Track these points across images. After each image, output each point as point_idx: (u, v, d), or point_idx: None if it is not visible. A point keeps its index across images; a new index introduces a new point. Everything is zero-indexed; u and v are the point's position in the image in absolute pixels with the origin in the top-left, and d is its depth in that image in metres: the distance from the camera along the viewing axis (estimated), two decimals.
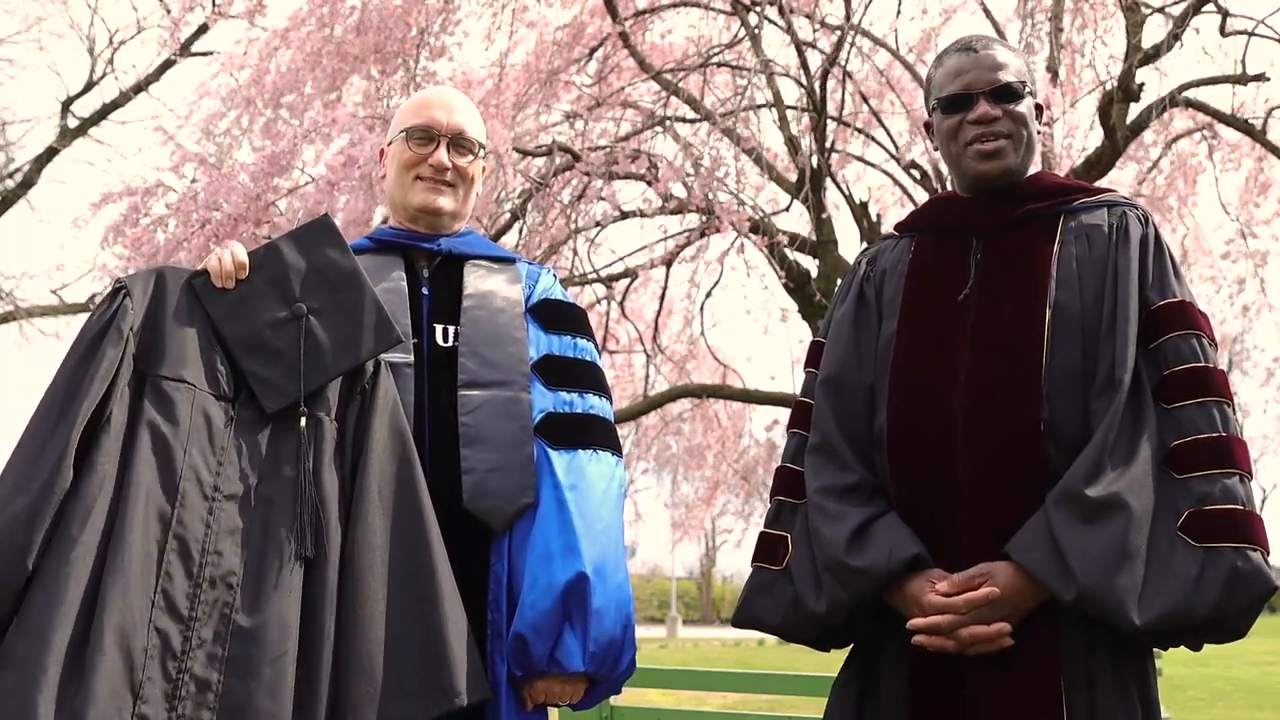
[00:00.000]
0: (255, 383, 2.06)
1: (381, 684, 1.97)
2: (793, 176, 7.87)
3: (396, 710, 1.98)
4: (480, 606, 2.15)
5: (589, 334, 2.42)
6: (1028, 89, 2.19)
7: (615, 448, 2.32)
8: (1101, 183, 6.41)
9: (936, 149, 2.32)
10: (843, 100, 7.62)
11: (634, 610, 2.26)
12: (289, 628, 1.94)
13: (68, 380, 1.97)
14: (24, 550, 1.85)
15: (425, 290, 2.32)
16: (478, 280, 2.34)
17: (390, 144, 2.42)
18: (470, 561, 2.15)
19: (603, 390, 2.36)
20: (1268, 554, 1.93)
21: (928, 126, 2.30)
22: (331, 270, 2.14)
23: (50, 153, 15.54)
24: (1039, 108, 2.24)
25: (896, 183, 8.59)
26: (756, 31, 7.32)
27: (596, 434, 2.29)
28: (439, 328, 2.29)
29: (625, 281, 9.18)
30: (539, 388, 2.28)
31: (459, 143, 2.36)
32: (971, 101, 2.17)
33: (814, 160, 7.37)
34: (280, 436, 2.05)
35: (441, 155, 2.33)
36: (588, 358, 2.37)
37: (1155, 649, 2.12)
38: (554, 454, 2.22)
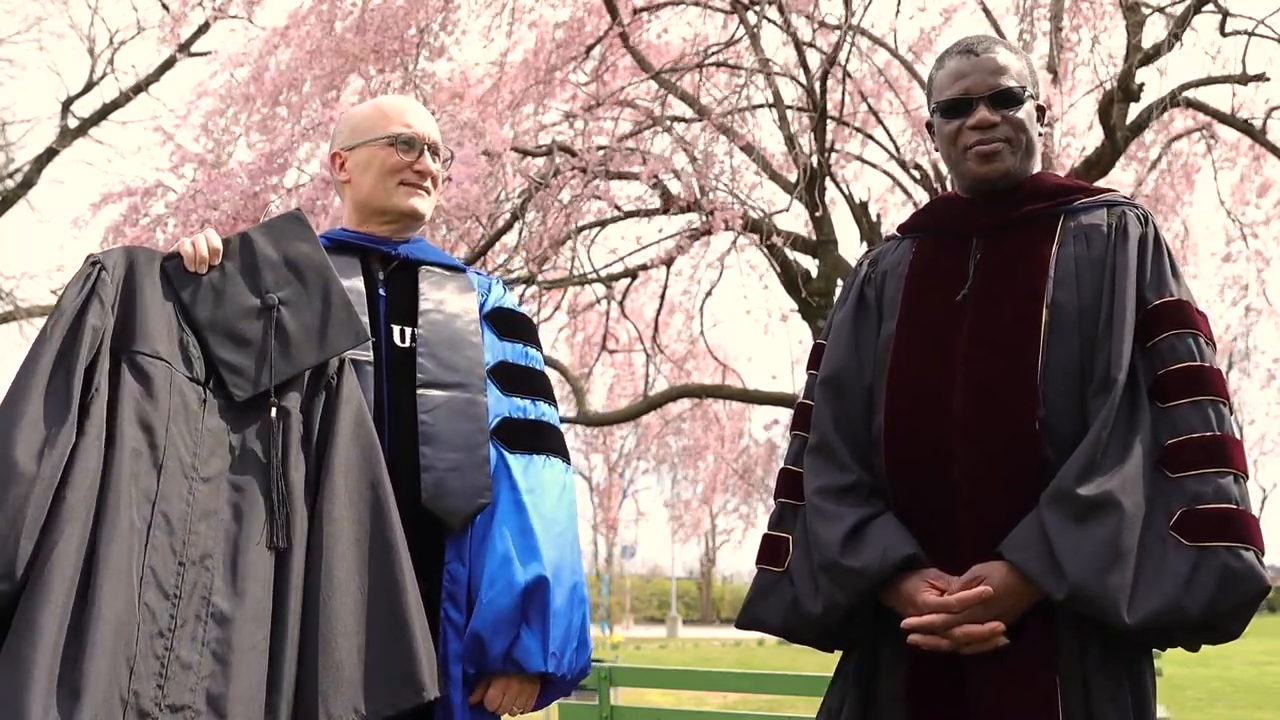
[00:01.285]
0: (225, 370, 2.05)
1: (350, 676, 1.97)
2: (792, 176, 7.87)
3: (365, 702, 1.97)
4: (434, 604, 2.16)
5: (538, 344, 2.48)
6: (1028, 93, 2.18)
7: (565, 455, 2.37)
8: (1101, 182, 6.41)
9: (937, 149, 2.32)
10: (842, 99, 7.61)
11: (589, 612, 2.31)
12: (263, 617, 1.94)
13: (56, 349, 1.95)
14: (35, 524, 1.81)
15: (382, 291, 2.35)
16: (432, 286, 2.38)
17: (352, 149, 2.40)
18: (427, 559, 2.17)
19: (552, 399, 2.43)
20: (1261, 554, 1.92)
21: (929, 127, 2.30)
22: (303, 264, 2.15)
23: (50, 153, 15.53)
24: (1041, 109, 2.23)
25: (896, 182, 8.59)
26: (755, 31, 7.32)
27: (548, 440, 2.34)
28: (396, 329, 2.32)
29: (625, 281, 9.18)
30: (495, 392, 2.32)
31: (434, 150, 2.41)
32: (971, 106, 2.16)
33: (813, 160, 7.37)
34: (249, 424, 2.05)
35: (428, 161, 2.38)
36: (537, 366, 2.44)
37: (1153, 649, 2.11)
38: (511, 457, 2.26)
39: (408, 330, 2.31)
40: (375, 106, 2.47)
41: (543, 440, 2.32)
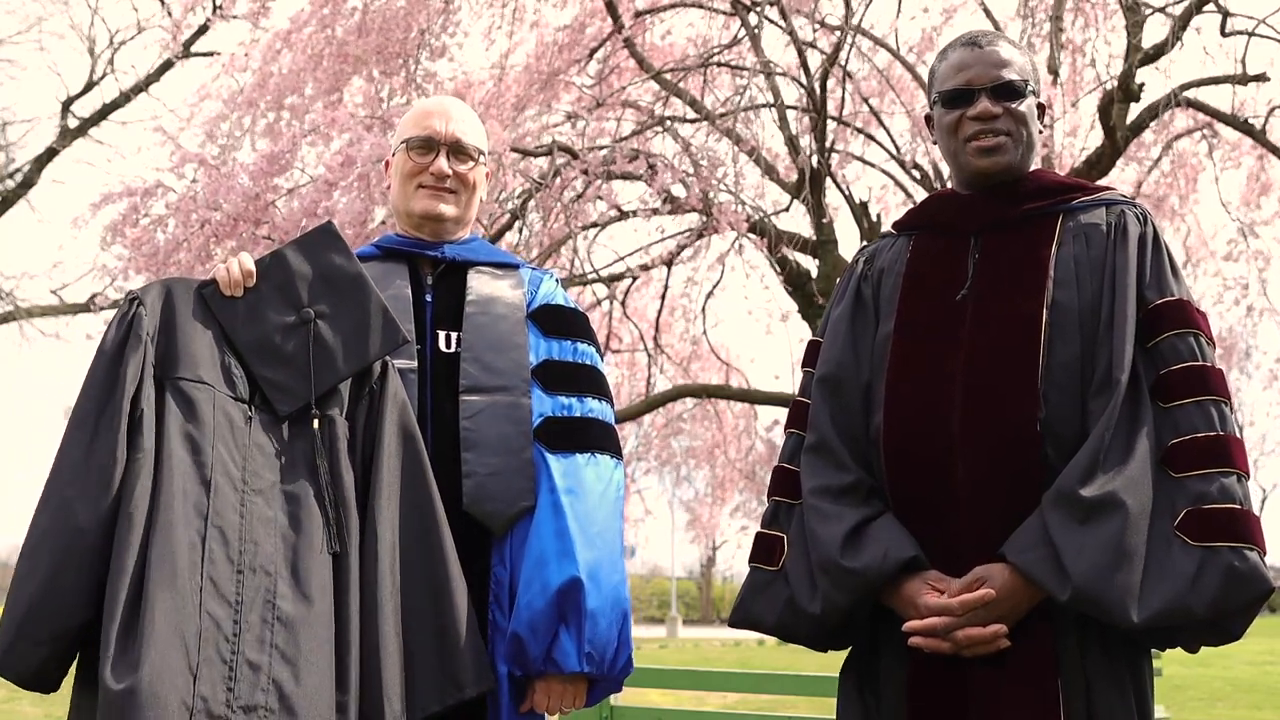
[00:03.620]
0: (267, 387, 2.11)
1: (404, 673, 2.04)
2: (793, 177, 7.87)
3: (415, 698, 2.04)
4: (481, 606, 2.19)
5: (590, 338, 2.44)
6: (1030, 88, 2.18)
7: (615, 451, 2.34)
8: (1101, 182, 6.40)
9: (935, 142, 2.31)
10: (843, 100, 7.62)
11: (630, 610, 2.28)
12: (327, 619, 1.99)
13: (100, 387, 2.02)
14: (97, 557, 1.92)
15: (429, 297, 2.36)
16: (481, 286, 2.38)
17: (394, 155, 2.47)
18: (471, 562, 2.19)
19: (603, 394, 2.38)
20: (1264, 554, 1.92)
21: (928, 120, 2.30)
22: (337, 275, 2.19)
23: (50, 153, 15.54)
24: (1041, 107, 2.23)
25: (897, 183, 8.59)
26: (756, 32, 7.32)
27: (595, 437, 2.31)
28: (442, 334, 2.33)
29: (626, 281, 9.18)
30: (538, 392, 2.31)
31: (458, 150, 2.41)
32: (973, 97, 2.16)
33: (814, 160, 7.37)
34: (296, 436, 2.11)
35: (441, 163, 2.39)
36: (588, 362, 2.39)
37: (1154, 649, 2.12)
38: (551, 458, 2.26)
39: (453, 335, 2.32)
40: (411, 110, 2.51)
41: (587, 438, 2.30)
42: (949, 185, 2.35)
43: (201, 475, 2.00)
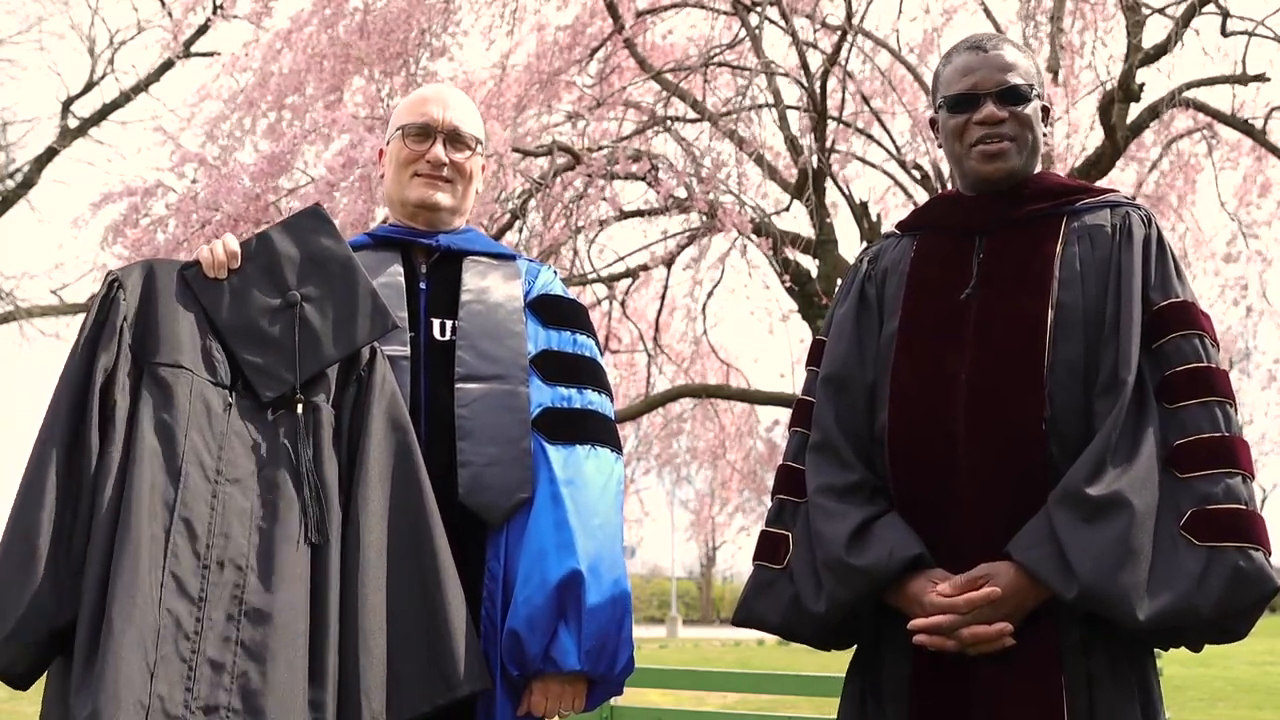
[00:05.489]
0: (251, 371, 2.05)
1: (390, 671, 1.97)
2: (793, 177, 7.87)
3: (401, 698, 1.97)
4: (476, 601, 2.13)
5: (589, 330, 2.39)
6: (1035, 91, 2.19)
7: (614, 444, 2.29)
8: (1101, 183, 6.41)
9: (940, 145, 2.31)
10: (843, 100, 7.63)
11: (631, 608, 2.23)
12: (301, 612, 1.93)
13: (72, 381, 1.98)
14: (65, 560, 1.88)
15: (423, 285, 2.31)
16: (476, 276, 2.33)
17: (388, 143, 2.41)
18: (466, 556, 2.12)
19: (602, 387, 2.33)
20: (1269, 554, 1.93)
21: (933, 123, 2.30)
22: (325, 258, 2.13)
23: (50, 153, 15.55)
24: (1045, 110, 2.23)
25: (897, 183, 8.60)
26: (757, 32, 7.32)
27: (595, 430, 2.26)
28: (436, 322, 2.27)
29: (627, 281, 9.19)
30: (537, 382, 2.25)
31: (455, 139, 2.36)
32: (978, 102, 2.16)
33: (814, 160, 7.37)
34: (279, 423, 2.04)
35: (438, 151, 2.33)
36: (587, 354, 2.35)
37: (1157, 649, 2.12)
38: (551, 449, 2.20)
39: (448, 323, 2.26)
40: (408, 97, 2.45)
41: (587, 430, 2.24)
42: (950, 186, 2.35)
43: (171, 465, 1.93)
